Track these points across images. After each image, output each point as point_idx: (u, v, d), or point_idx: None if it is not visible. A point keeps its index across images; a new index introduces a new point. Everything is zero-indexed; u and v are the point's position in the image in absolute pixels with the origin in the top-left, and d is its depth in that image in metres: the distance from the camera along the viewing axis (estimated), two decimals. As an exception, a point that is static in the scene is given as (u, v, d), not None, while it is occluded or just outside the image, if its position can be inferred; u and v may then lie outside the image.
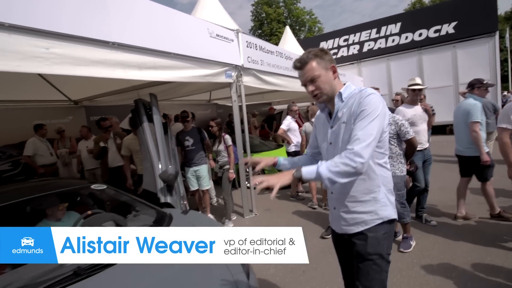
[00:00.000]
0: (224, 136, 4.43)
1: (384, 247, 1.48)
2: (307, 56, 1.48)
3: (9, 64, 1.96)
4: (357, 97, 1.45)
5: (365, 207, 1.49)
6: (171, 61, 3.20)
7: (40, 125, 5.57)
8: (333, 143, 1.55)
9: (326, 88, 1.49)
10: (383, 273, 1.48)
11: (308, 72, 1.48)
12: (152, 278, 1.82)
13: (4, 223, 2.21)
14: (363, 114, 1.38)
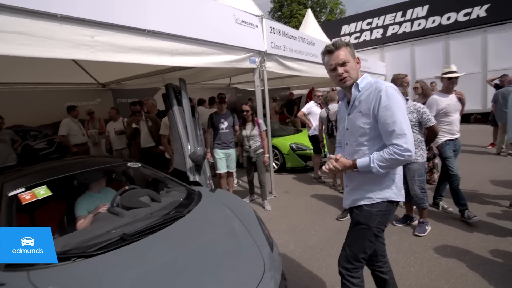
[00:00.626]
0: (258, 120, 4.48)
1: (374, 221, 1.71)
2: (341, 42, 1.65)
3: (62, 51, 2.16)
4: (373, 90, 1.61)
5: (371, 186, 1.71)
6: (199, 47, 3.34)
7: (72, 106, 5.91)
8: (349, 129, 1.75)
9: (353, 74, 1.66)
10: (366, 241, 1.74)
11: (340, 55, 1.62)
12: (186, 245, 2.05)
13: (56, 194, 2.51)
14: (389, 109, 1.55)
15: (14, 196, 2.24)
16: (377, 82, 1.63)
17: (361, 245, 1.76)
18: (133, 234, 2.02)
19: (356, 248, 1.77)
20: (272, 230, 3.63)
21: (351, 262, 1.78)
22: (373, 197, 1.70)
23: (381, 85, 1.59)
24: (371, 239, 1.74)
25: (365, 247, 1.75)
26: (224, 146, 4.57)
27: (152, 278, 1.72)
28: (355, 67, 1.66)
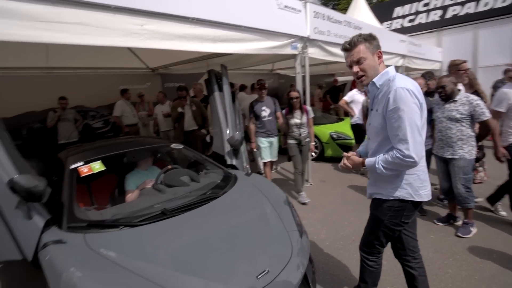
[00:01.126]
0: (306, 107, 4.33)
1: (386, 215, 1.79)
2: (357, 39, 1.63)
3: (115, 40, 2.37)
4: (387, 89, 1.58)
5: (383, 183, 1.77)
6: (241, 33, 3.39)
7: (125, 89, 6.39)
8: (371, 124, 1.78)
9: (371, 72, 1.64)
10: (379, 231, 1.86)
11: (355, 53, 1.63)
12: (218, 224, 2.18)
13: (109, 169, 2.80)
14: (396, 112, 1.53)
15: (74, 168, 2.56)
16: (393, 81, 1.58)
17: (374, 233, 1.90)
18: (172, 210, 2.21)
19: (370, 235, 1.94)
20: (305, 217, 3.69)
21: (366, 247, 1.99)
22: (385, 194, 1.77)
23: (393, 86, 1.55)
24: (384, 230, 1.84)
25: (378, 235, 1.88)
26: (268, 134, 4.44)
27: (187, 251, 1.89)
28: (374, 64, 1.63)
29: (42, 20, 1.96)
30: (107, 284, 1.57)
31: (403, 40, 7.28)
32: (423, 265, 2.01)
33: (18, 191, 1.87)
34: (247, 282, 1.69)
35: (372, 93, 1.71)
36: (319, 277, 2.53)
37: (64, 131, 5.72)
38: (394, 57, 6.85)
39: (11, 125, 5.46)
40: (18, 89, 5.61)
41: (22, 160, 2.18)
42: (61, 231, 2.00)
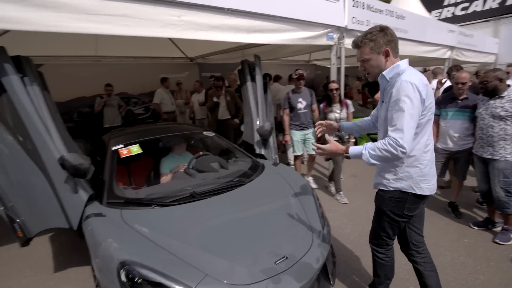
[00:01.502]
0: (346, 101, 4.15)
1: (387, 206, 1.83)
2: (362, 40, 1.69)
3: (154, 31, 2.50)
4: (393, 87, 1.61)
5: (386, 174, 1.80)
6: (275, 24, 3.38)
7: (165, 78, 6.68)
8: (381, 116, 1.80)
9: (374, 71, 1.72)
10: (384, 222, 1.89)
11: (361, 54, 1.72)
12: (242, 209, 2.28)
13: (146, 152, 3.01)
14: (397, 103, 1.57)
15: (115, 150, 2.79)
16: (401, 75, 1.62)
17: (380, 225, 1.93)
18: (200, 193, 2.35)
19: (377, 227, 1.97)
20: (331, 210, 3.68)
21: (374, 239, 2.02)
22: (386, 185, 1.81)
23: (399, 79, 1.60)
24: (388, 221, 1.87)
25: (384, 227, 1.90)
26: (303, 127, 4.30)
27: (212, 232, 2.01)
28: (378, 63, 1.69)
29: (90, 13, 2.14)
30: (140, 256, 1.72)
31: (452, 30, 6.74)
32: (430, 260, 2.00)
33: (67, 167, 2.09)
34: (266, 266, 1.76)
35: (382, 86, 1.76)
36: (340, 270, 2.54)
37: (109, 116, 6.16)
38: (440, 48, 6.37)
39: (64, 109, 6.00)
40: (70, 76, 6.12)
41: (71, 140, 2.43)
42: (102, 205, 2.22)
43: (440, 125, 3.38)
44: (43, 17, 1.96)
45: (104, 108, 6.11)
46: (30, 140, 2.19)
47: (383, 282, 2.09)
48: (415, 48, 5.58)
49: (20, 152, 2.23)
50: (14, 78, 2.09)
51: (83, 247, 2.85)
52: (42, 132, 2.15)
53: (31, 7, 1.90)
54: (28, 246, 2.79)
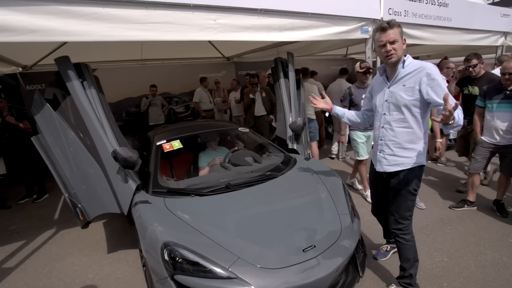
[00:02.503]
0: None
1: (412, 184, 1.96)
2: (395, 22, 1.82)
3: (193, 34, 2.71)
4: (421, 68, 1.80)
5: (406, 153, 1.94)
6: (307, 21, 3.43)
7: (204, 78, 7.00)
8: (388, 100, 1.96)
9: (400, 52, 1.84)
10: (409, 201, 2.02)
11: (392, 34, 1.80)
12: (273, 200, 2.40)
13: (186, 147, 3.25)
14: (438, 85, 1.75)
15: (159, 145, 3.06)
16: (422, 63, 1.83)
17: (406, 206, 2.04)
18: (235, 185, 2.51)
19: (403, 211, 2.05)
20: (367, 205, 3.66)
21: (401, 224, 2.07)
22: (411, 163, 1.94)
23: (427, 65, 1.80)
24: (411, 198, 2.03)
25: (409, 206, 2.04)
26: (366, 128, 3.70)
27: (246, 220, 2.17)
28: (402, 46, 1.84)
29: (137, 22, 2.40)
30: (180, 239, 1.93)
31: (506, 15, 6.18)
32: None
33: (119, 159, 2.38)
34: (294, 253, 1.87)
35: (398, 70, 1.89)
36: (370, 263, 2.55)
37: (154, 115, 6.63)
38: (491, 35, 5.88)
39: (114, 109, 6.53)
40: (119, 79, 6.69)
41: (122, 136, 2.73)
42: (148, 194, 2.48)
43: (486, 118, 3.20)
44: (99, 29, 2.26)
45: (149, 107, 6.59)
46: (89, 136, 2.52)
47: (413, 265, 2.11)
48: (460, 36, 5.25)
49: (81, 147, 2.58)
50: (76, 83, 2.42)
51: (131, 232, 3.20)
52: (98, 129, 2.47)
53: (89, 21, 2.20)
54: (85, 230, 3.22)
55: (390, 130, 1.98)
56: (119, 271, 2.76)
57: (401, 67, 1.88)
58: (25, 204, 4.75)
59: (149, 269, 2.03)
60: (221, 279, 1.73)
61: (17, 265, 3.00)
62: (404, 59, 1.87)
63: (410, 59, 1.88)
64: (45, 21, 2.09)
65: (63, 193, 2.59)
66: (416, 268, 2.11)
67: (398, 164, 1.98)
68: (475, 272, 2.36)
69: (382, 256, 2.63)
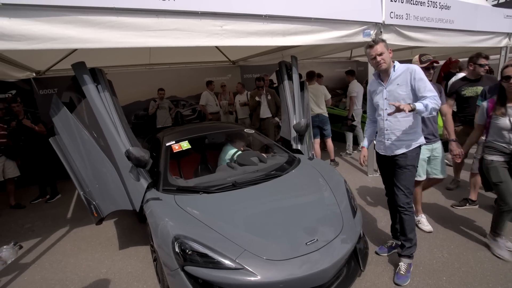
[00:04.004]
0: None
1: (415, 160, 2.38)
2: (378, 40, 2.31)
3: (200, 40, 2.85)
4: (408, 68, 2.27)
5: (409, 137, 2.35)
6: (310, 26, 3.55)
7: (210, 81, 7.15)
8: (388, 98, 2.36)
9: (387, 61, 2.29)
10: (412, 177, 2.39)
11: (379, 48, 2.26)
12: (278, 198, 2.51)
13: (194, 148, 3.38)
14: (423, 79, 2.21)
15: (169, 146, 3.20)
16: (408, 65, 2.29)
17: (410, 181, 2.38)
18: (241, 183, 2.63)
19: (410, 185, 2.38)
20: (369, 203, 3.74)
21: (408, 198, 2.38)
22: (412, 144, 2.34)
23: (412, 66, 2.27)
24: (415, 173, 2.41)
25: (412, 181, 2.41)
26: (430, 139, 2.89)
27: (251, 216, 2.28)
28: (388, 56, 2.29)
29: (148, 29, 2.55)
30: (190, 232, 2.05)
31: (509, 16, 6.22)
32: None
33: (131, 159, 2.51)
34: (297, 246, 1.98)
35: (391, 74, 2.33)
36: (372, 259, 2.64)
37: (161, 117, 6.80)
38: (494, 37, 5.92)
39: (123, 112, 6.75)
40: (128, 83, 6.89)
41: (134, 137, 2.87)
42: (158, 192, 2.61)
43: None
44: (113, 36, 2.41)
45: (157, 110, 6.76)
46: (103, 137, 2.67)
47: (415, 234, 2.43)
48: (463, 38, 5.31)
49: (95, 147, 2.73)
50: (92, 87, 2.57)
51: (141, 230, 3.34)
52: (112, 130, 2.61)
53: (104, 29, 2.36)
54: (97, 228, 3.36)
55: (395, 121, 2.36)
56: (131, 265, 2.89)
57: (393, 70, 2.33)
58: (38, 204, 4.93)
59: (161, 262, 2.15)
60: (228, 269, 1.84)
61: (34, 261, 3.15)
62: (394, 64, 2.33)
63: (398, 64, 2.34)
64: (64, 29, 2.26)
65: (78, 191, 2.73)
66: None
67: (403, 147, 2.36)
68: (474, 267, 2.43)
69: (384, 250, 2.73)
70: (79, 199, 4.86)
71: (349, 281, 2.13)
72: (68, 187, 5.20)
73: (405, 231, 2.40)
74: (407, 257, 2.42)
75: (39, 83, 6.08)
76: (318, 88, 5.62)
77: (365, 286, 2.33)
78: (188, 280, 1.90)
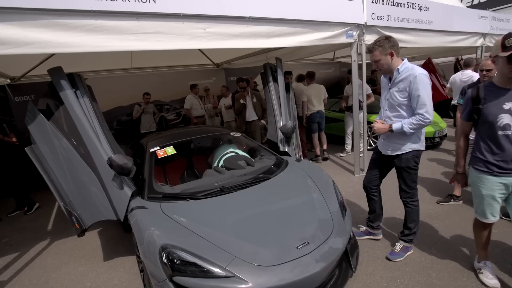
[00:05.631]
0: None
1: (411, 162, 2.45)
2: (373, 47, 2.37)
3: (183, 43, 2.80)
4: (410, 74, 2.26)
5: (402, 141, 2.43)
6: (294, 28, 3.57)
7: (194, 84, 7.07)
8: (389, 99, 2.46)
9: (384, 67, 2.38)
10: (412, 175, 2.49)
11: (373, 56, 2.38)
12: (267, 201, 2.48)
13: (179, 153, 3.30)
14: (419, 89, 2.22)
15: (153, 152, 3.11)
16: (413, 69, 2.28)
17: (410, 179, 2.51)
18: (229, 187, 2.58)
19: (410, 182, 2.52)
20: (357, 203, 3.76)
21: (409, 192, 2.55)
22: (406, 148, 2.44)
23: (415, 72, 2.25)
24: (414, 172, 2.51)
25: (413, 179, 2.52)
26: (506, 170, 1.95)
27: (240, 221, 2.23)
28: (386, 61, 2.36)
29: (129, 33, 2.47)
30: (178, 241, 1.98)
31: (483, 17, 6.47)
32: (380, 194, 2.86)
33: (114, 166, 2.42)
34: (289, 250, 1.94)
35: (394, 75, 2.37)
36: (363, 259, 2.64)
37: (146, 122, 6.65)
38: (470, 37, 6.15)
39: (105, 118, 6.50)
40: (109, 88, 6.70)
41: (116, 144, 2.78)
42: (143, 200, 2.53)
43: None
44: (92, 40, 2.33)
45: (141, 115, 6.60)
46: (83, 145, 2.56)
47: (417, 224, 2.60)
48: (441, 38, 5.48)
49: (75, 155, 2.61)
50: (70, 92, 2.47)
51: (127, 240, 3.23)
52: (92, 137, 2.51)
53: (82, 32, 2.27)
54: (80, 239, 3.22)
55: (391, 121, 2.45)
56: (117, 277, 2.78)
57: (397, 73, 2.34)
58: (16, 216, 4.70)
59: (148, 273, 2.06)
60: (218, 278, 1.79)
61: (12, 277, 2.98)
62: (399, 67, 2.33)
63: (405, 65, 2.32)
64: (38, 33, 2.15)
65: (58, 202, 2.61)
66: (418, 227, 2.61)
67: (398, 149, 2.46)
68: (462, 263, 2.47)
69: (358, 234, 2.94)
70: (60, 210, 4.66)
71: (341, 283, 2.11)
72: (48, 197, 4.97)
73: (406, 220, 2.61)
74: (404, 241, 2.62)
75: (14, 90, 5.83)
76: (320, 87, 5.90)
77: (357, 286, 2.32)
78: (177, 291, 1.84)
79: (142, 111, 6.60)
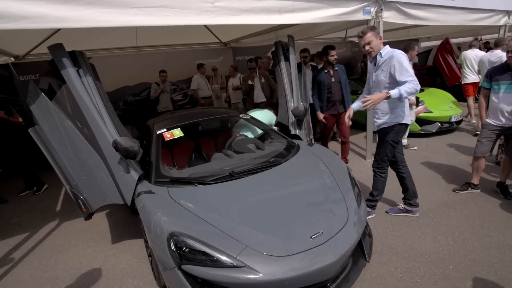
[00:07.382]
0: None
1: (390, 136, 2.74)
2: (366, 30, 2.62)
3: (191, 19, 2.61)
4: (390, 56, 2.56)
5: (388, 115, 2.73)
6: (308, 2, 3.32)
7: (201, 64, 6.85)
8: (375, 81, 2.75)
9: (376, 48, 2.63)
10: (387, 149, 2.79)
11: (366, 38, 2.61)
12: (278, 187, 2.37)
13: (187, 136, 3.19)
14: (398, 61, 2.49)
15: (160, 134, 3.00)
16: (394, 51, 2.57)
17: (384, 151, 2.82)
18: (238, 173, 2.48)
19: (381, 153, 2.84)
20: (368, 189, 3.64)
21: (379, 163, 2.89)
22: (389, 122, 2.73)
23: (394, 53, 2.56)
24: (389, 147, 2.78)
25: (386, 152, 2.81)
26: None
27: (250, 208, 2.14)
28: (377, 44, 2.63)
29: (133, 6, 2.29)
30: (186, 228, 1.90)
31: (509, -7, 6.03)
32: (408, 170, 2.99)
33: (119, 149, 2.33)
34: (302, 240, 1.85)
35: (378, 59, 2.67)
36: (376, 248, 2.56)
37: (164, 102, 6.45)
38: (494, 15, 5.73)
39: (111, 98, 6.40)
40: (114, 67, 6.53)
41: (121, 126, 2.67)
42: (150, 184, 2.45)
43: (491, 99, 3.14)
44: (94, 14, 2.16)
45: (160, 94, 6.38)
46: (87, 126, 2.46)
47: (380, 193, 3.01)
48: (463, 16, 5.13)
49: (79, 137, 2.52)
50: (72, 71, 2.34)
51: (135, 222, 3.19)
52: (97, 118, 2.40)
53: (83, 6, 2.10)
54: (88, 222, 3.18)
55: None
56: (125, 261, 2.76)
57: (380, 57, 2.64)
58: (26, 197, 4.72)
59: (156, 258, 2.01)
60: (228, 267, 1.72)
61: (22, 258, 2.99)
62: (381, 51, 2.62)
63: (386, 50, 2.62)
64: (35, 7, 2.00)
65: (64, 185, 2.55)
66: (380, 197, 3.05)
67: (383, 123, 2.76)
68: (481, 255, 2.37)
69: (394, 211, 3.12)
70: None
71: (355, 274, 2.04)
72: (55, 178, 4.94)
73: (372, 188, 3.03)
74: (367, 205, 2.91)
75: (19, 69, 5.71)
76: None
77: (370, 277, 2.24)
78: (186, 280, 1.78)
79: (161, 90, 6.36)
